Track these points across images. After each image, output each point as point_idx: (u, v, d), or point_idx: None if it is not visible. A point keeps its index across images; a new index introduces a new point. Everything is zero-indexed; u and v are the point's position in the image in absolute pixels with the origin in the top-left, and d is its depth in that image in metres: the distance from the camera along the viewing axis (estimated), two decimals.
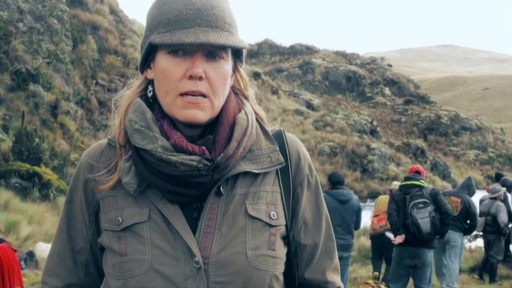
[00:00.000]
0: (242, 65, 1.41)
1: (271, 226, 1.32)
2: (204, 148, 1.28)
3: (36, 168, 14.42)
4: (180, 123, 1.32)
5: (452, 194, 8.11)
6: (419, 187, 6.56)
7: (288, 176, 1.39)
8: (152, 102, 1.36)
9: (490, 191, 9.63)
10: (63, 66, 21.12)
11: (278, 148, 1.38)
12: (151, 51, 1.34)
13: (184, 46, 1.27)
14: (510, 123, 64.37)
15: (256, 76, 41.47)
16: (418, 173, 6.90)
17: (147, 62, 1.36)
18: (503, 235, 9.59)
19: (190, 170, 1.26)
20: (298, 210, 1.40)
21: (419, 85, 58.49)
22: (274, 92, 42.02)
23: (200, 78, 1.27)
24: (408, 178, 6.75)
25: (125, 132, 1.35)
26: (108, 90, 22.86)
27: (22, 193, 13.30)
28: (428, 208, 6.40)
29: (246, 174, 1.34)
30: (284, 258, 1.36)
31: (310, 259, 1.42)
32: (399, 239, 6.60)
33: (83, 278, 1.42)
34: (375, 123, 41.03)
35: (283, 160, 1.37)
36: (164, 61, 1.30)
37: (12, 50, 18.77)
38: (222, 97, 1.32)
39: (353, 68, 52.06)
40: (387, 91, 51.31)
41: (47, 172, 14.70)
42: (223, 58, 1.31)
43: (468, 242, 10.61)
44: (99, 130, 20.08)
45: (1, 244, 3.78)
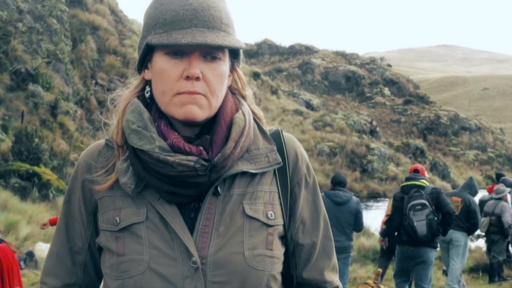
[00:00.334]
0: (239, 65, 1.41)
1: (268, 226, 1.32)
2: (201, 148, 1.28)
3: (36, 168, 14.42)
4: (177, 123, 1.33)
5: (453, 194, 8.16)
6: (419, 187, 6.54)
7: (286, 176, 1.38)
8: (150, 103, 1.36)
9: (494, 191, 9.65)
10: (62, 66, 21.11)
11: (275, 148, 1.38)
12: (148, 52, 1.33)
13: (181, 46, 1.27)
14: (510, 123, 64.34)
15: (255, 76, 41.47)
16: (417, 171, 6.87)
17: (144, 62, 1.36)
18: (506, 235, 9.62)
19: (187, 171, 1.26)
20: (296, 210, 1.40)
21: (418, 85, 58.48)
22: (274, 92, 42.02)
23: (197, 78, 1.27)
24: (409, 179, 6.74)
25: (122, 133, 1.35)
26: (108, 90, 22.86)
27: (22, 193, 13.29)
28: (426, 211, 6.35)
29: (244, 174, 1.33)
30: (281, 258, 1.36)
31: (308, 258, 1.42)
32: (382, 243, 6.71)
33: (82, 278, 1.42)
34: (374, 123, 41.02)
35: (280, 160, 1.37)
36: (161, 61, 1.30)
37: (11, 50, 18.77)
38: (219, 97, 1.32)
39: (352, 68, 52.04)
40: (386, 91, 51.30)
41: (46, 172, 14.70)
42: (220, 58, 1.31)
43: (471, 242, 10.62)
44: (98, 130, 20.08)
45: (0, 245, 3.78)
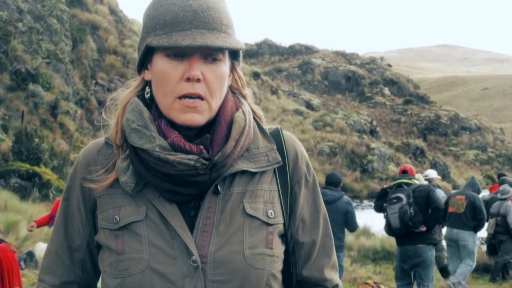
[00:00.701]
0: (239, 64, 1.41)
1: (268, 224, 1.32)
2: (201, 147, 1.28)
3: (36, 168, 14.43)
4: (177, 123, 1.33)
5: (457, 194, 8.37)
6: (403, 184, 6.71)
7: (286, 175, 1.39)
8: (149, 102, 1.36)
9: (500, 192, 9.74)
10: (62, 66, 21.12)
11: (275, 147, 1.38)
12: (148, 53, 1.33)
13: (181, 48, 1.27)
14: (510, 123, 64.37)
15: (255, 76, 41.47)
16: (406, 172, 7.05)
17: (144, 63, 1.36)
18: (511, 236, 9.67)
19: (188, 169, 1.26)
20: (296, 208, 1.40)
21: (418, 85, 58.51)
22: (274, 92, 42.02)
23: (198, 80, 1.27)
24: (397, 179, 6.96)
25: (122, 132, 1.35)
26: (108, 90, 22.88)
27: (22, 193, 13.30)
28: (399, 204, 6.48)
29: (244, 172, 1.33)
30: (281, 256, 1.36)
31: (308, 256, 1.42)
32: None
33: (80, 276, 1.42)
34: (374, 123, 41.05)
35: (280, 159, 1.37)
36: (161, 63, 1.29)
37: (11, 50, 18.78)
38: (219, 98, 1.32)
39: (352, 68, 52.06)
40: (386, 91, 51.31)
41: (46, 172, 14.72)
42: (220, 59, 1.30)
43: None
44: (98, 130, 20.08)
45: (0, 245, 3.78)
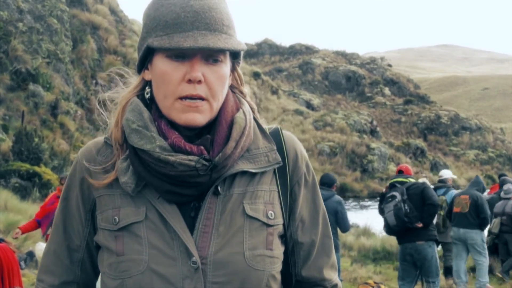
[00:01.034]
0: (239, 64, 1.41)
1: (268, 225, 1.32)
2: (202, 148, 1.28)
3: (36, 168, 14.44)
4: (178, 124, 1.32)
5: (461, 193, 8.52)
6: (397, 183, 6.83)
7: (286, 175, 1.38)
8: (149, 102, 1.35)
9: (503, 191, 9.93)
10: (63, 66, 21.12)
11: (275, 147, 1.37)
12: (149, 53, 1.32)
13: (182, 50, 1.26)
14: (510, 123, 64.36)
15: (255, 76, 41.46)
16: (402, 172, 7.16)
17: (144, 63, 1.35)
18: None
19: (188, 170, 1.25)
20: (296, 208, 1.39)
21: (419, 85, 58.49)
22: (274, 92, 42.02)
23: (199, 81, 1.26)
24: (391, 179, 7.12)
25: (122, 132, 1.34)
26: (108, 90, 22.91)
27: (22, 193, 13.31)
28: (393, 202, 6.61)
29: (244, 173, 1.33)
30: (281, 257, 1.35)
31: (307, 256, 1.42)
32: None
33: (79, 276, 1.42)
34: (375, 123, 41.05)
35: (280, 159, 1.36)
36: (162, 64, 1.28)
37: (11, 50, 18.78)
38: (220, 99, 1.32)
39: (353, 68, 52.05)
40: (387, 91, 51.30)
41: (47, 172, 14.72)
42: (221, 60, 1.30)
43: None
44: (99, 130, 20.09)
45: (0, 244, 3.78)
